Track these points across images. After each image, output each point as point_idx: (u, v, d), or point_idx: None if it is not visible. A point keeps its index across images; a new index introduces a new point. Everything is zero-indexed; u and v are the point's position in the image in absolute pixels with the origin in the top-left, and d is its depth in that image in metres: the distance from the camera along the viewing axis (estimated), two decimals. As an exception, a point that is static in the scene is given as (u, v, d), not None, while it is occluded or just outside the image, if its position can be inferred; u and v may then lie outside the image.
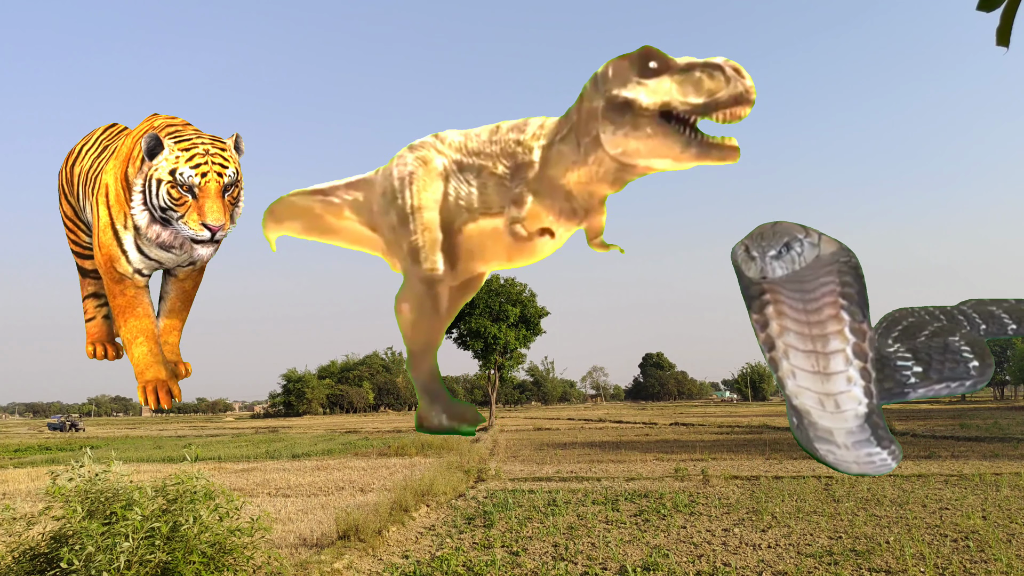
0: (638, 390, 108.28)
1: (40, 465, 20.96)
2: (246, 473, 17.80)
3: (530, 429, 35.54)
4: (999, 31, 1.95)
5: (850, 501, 11.61)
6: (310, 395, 78.37)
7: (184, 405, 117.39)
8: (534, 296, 37.48)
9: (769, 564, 8.08)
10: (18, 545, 5.70)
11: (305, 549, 8.92)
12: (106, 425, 69.66)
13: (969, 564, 7.85)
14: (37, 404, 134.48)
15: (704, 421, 38.52)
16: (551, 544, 9.19)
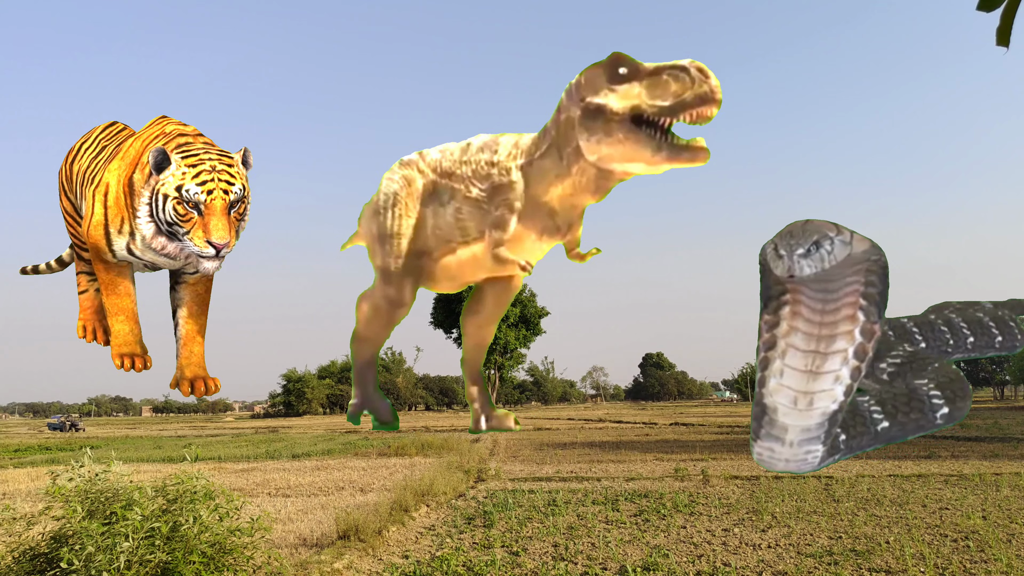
0: (638, 390, 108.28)
1: (40, 465, 20.95)
2: (246, 473, 17.80)
3: (530, 429, 35.53)
4: (999, 31, 1.95)
5: (850, 501, 11.62)
6: (310, 395, 78.28)
7: (184, 405, 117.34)
8: (534, 296, 37.60)
9: (769, 564, 8.08)
10: (18, 545, 5.70)
11: (305, 549, 8.93)
12: (106, 425, 69.64)
13: (969, 564, 7.85)
14: (37, 404, 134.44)
15: (704, 421, 38.50)
16: (551, 544, 9.20)
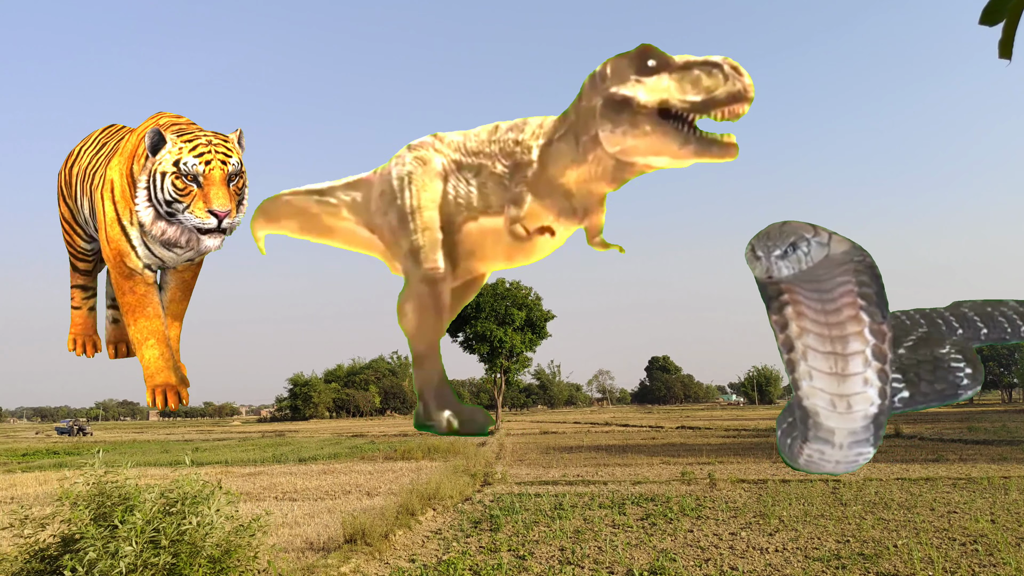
0: (644, 393, 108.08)
1: (48, 469, 21.04)
2: (253, 477, 17.83)
3: (536, 433, 35.51)
4: (1001, 44, 1.96)
5: (858, 505, 11.56)
6: (316, 399, 78.49)
7: (191, 409, 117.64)
8: (540, 299, 37.48)
9: (776, 568, 8.05)
10: (26, 548, 5.73)
11: (312, 553, 8.93)
12: (113, 429, 69.89)
13: (978, 568, 7.80)
14: (45, 408, 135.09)
15: (711, 424, 38.41)
16: (558, 548, 9.18)
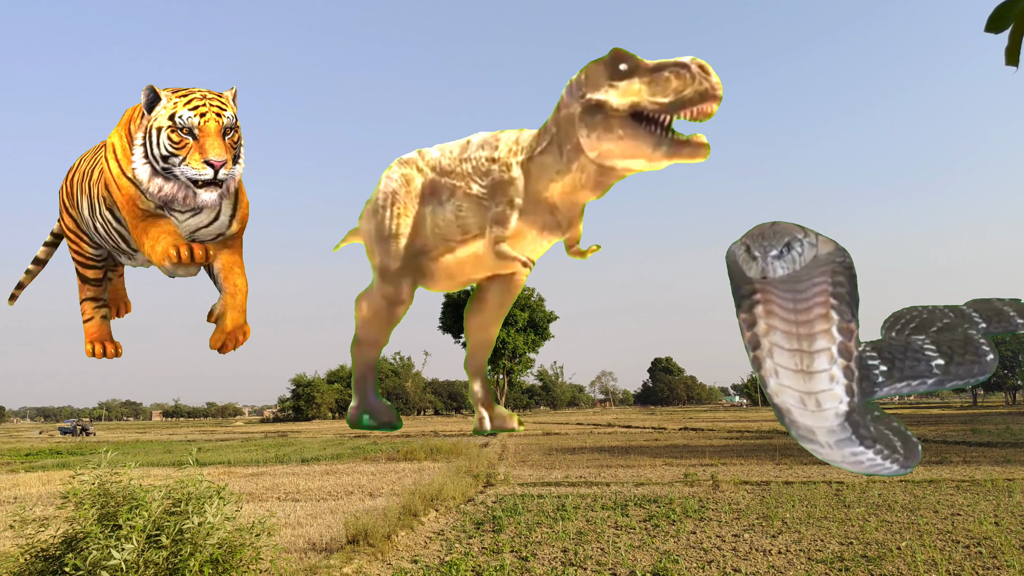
0: (647, 395, 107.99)
1: (51, 469, 21.08)
2: (256, 477, 17.85)
3: (539, 434, 35.47)
4: (1007, 51, 1.97)
5: (861, 507, 11.54)
6: (319, 399, 78.47)
7: (194, 410, 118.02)
8: (542, 300, 37.53)
9: (780, 570, 8.04)
10: (30, 547, 5.75)
11: (315, 553, 8.94)
12: (116, 429, 70.00)
13: (982, 570, 7.79)
14: (48, 408, 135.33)
15: (713, 426, 38.34)
16: (560, 549, 9.17)
